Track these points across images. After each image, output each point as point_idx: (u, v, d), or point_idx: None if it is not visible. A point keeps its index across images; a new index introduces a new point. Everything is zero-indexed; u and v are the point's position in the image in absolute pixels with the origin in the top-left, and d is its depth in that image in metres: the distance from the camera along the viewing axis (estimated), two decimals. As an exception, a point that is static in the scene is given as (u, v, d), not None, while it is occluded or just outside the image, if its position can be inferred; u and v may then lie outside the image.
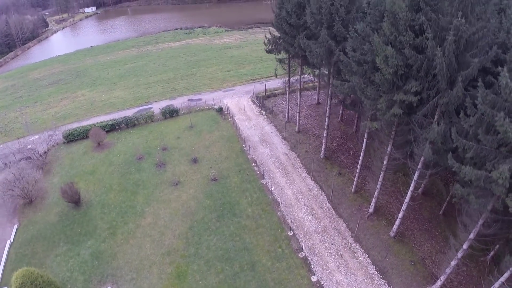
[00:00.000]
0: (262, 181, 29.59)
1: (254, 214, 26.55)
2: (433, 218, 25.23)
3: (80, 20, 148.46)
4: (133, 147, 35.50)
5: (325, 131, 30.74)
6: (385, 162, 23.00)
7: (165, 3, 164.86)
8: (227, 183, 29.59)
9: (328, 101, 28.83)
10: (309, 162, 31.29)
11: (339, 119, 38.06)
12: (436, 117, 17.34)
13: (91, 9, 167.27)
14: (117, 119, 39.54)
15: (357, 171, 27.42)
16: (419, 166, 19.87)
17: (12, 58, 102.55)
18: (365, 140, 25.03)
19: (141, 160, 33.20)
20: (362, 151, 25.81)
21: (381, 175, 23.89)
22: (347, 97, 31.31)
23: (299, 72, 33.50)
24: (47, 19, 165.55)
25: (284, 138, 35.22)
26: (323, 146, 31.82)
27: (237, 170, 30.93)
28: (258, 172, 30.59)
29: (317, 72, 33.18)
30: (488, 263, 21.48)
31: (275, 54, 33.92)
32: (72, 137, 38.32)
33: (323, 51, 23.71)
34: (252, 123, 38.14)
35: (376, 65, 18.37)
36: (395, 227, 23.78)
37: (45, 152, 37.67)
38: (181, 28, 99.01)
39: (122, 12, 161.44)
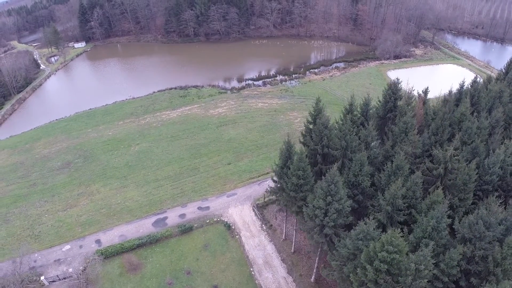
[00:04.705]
0: (269, 310, 38.97)
1: None
2: None
3: (72, 60, 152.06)
4: (161, 269, 43.94)
5: (313, 274, 40.36)
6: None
7: (155, 40, 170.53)
8: (243, 313, 38.75)
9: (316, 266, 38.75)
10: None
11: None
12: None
13: (80, 45, 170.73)
14: (142, 238, 48.10)
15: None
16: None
17: (10, 114, 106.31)
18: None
19: (172, 286, 41.60)
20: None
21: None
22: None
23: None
24: (37, 52, 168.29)
25: (283, 260, 44.69)
26: (314, 270, 41.41)
27: (250, 298, 40.19)
28: (265, 301, 39.97)
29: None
30: None
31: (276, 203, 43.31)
32: (105, 255, 46.10)
33: (313, 242, 33.26)
34: (256, 242, 47.39)
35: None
36: None
37: (83, 270, 45.24)
38: (175, 88, 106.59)
39: (112, 49, 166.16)
